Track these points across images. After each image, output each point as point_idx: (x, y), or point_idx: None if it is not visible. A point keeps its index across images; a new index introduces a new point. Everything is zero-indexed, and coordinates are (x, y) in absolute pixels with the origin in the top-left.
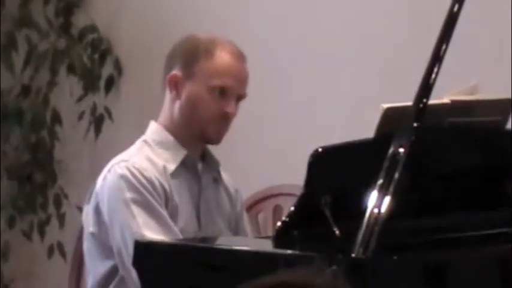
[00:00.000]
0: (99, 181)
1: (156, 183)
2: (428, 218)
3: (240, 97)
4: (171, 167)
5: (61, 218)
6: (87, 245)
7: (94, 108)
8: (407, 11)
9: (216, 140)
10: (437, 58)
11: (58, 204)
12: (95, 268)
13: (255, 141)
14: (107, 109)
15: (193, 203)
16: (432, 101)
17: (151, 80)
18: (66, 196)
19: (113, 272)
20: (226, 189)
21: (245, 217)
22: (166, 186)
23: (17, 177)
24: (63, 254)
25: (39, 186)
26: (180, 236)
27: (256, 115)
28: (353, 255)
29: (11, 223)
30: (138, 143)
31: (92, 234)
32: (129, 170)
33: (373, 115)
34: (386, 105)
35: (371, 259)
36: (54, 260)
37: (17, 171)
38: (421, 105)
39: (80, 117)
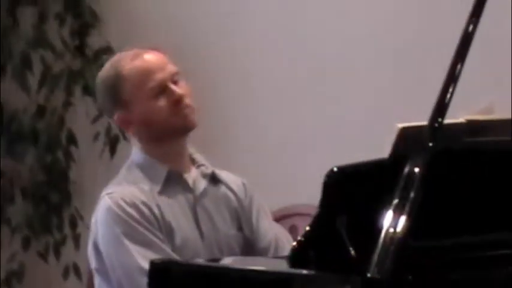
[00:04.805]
0: (94, 213)
1: (143, 209)
2: (446, 238)
3: (174, 78)
4: (157, 187)
5: (76, 239)
6: (96, 281)
7: (109, 129)
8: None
9: (190, 124)
10: (452, 77)
11: (73, 225)
12: None
13: (269, 161)
14: (121, 130)
15: (191, 214)
16: (447, 121)
17: None
18: (81, 217)
19: None
20: (228, 186)
21: (263, 211)
22: (155, 208)
23: (32, 197)
24: (78, 275)
25: (54, 206)
26: (175, 257)
27: (268, 136)
28: (368, 275)
29: (26, 244)
30: (124, 169)
31: (96, 270)
32: (114, 202)
33: (388, 134)
34: (401, 125)
35: (386, 279)
36: (70, 281)
37: (32, 191)
38: (436, 124)
39: (95, 137)
